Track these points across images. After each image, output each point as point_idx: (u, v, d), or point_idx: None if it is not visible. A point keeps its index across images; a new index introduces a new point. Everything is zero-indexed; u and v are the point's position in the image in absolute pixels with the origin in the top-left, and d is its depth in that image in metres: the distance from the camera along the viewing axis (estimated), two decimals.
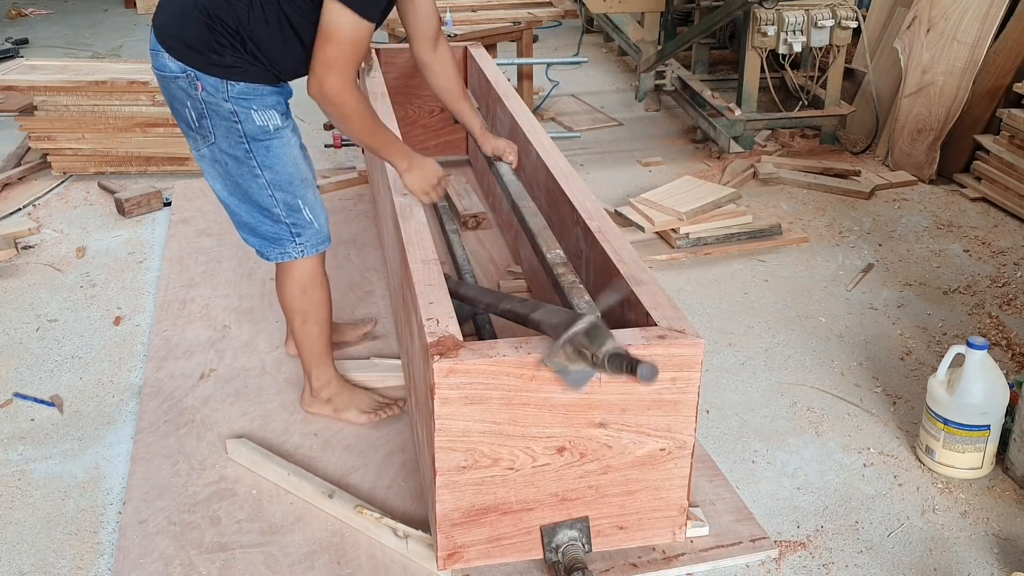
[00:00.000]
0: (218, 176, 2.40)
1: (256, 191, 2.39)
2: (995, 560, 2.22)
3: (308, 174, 2.48)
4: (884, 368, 2.98)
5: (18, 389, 2.90)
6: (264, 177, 2.37)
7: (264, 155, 2.36)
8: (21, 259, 3.73)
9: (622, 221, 3.85)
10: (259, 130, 2.33)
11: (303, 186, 2.44)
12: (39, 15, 8.35)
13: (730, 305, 3.36)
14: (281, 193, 2.40)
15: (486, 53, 4.17)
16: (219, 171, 2.39)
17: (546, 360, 1.90)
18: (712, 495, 2.35)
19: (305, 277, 2.52)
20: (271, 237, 2.46)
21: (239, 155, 2.34)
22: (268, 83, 2.33)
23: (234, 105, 2.29)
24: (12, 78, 4.51)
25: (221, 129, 2.32)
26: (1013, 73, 4.23)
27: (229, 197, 2.43)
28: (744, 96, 4.69)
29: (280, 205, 2.41)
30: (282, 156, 2.38)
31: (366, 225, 3.89)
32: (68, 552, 2.26)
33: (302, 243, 2.47)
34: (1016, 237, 3.87)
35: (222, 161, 2.36)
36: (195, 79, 2.27)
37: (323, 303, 2.57)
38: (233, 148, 2.34)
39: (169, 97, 2.36)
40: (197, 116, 2.32)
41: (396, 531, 2.19)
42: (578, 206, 2.55)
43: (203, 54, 2.26)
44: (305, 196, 2.45)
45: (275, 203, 2.41)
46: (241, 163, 2.35)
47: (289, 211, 2.43)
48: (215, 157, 2.36)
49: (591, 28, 7.03)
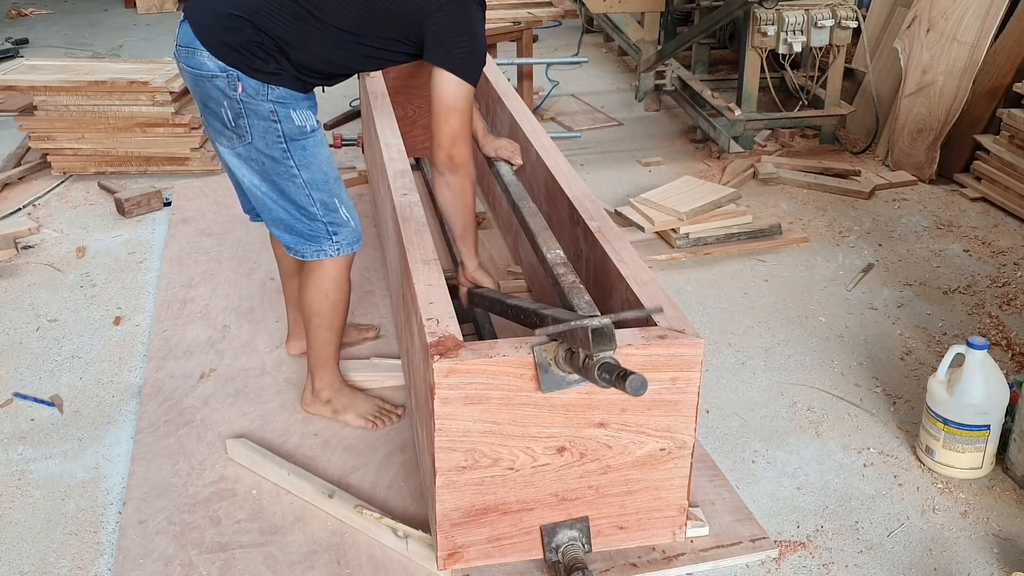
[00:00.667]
0: (258, 175, 2.41)
1: (294, 190, 2.41)
2: (995, 560, 2.22)
3: (337, 173, 2.51)
4: (884, 368, 2.98)
5: (18, 389, 2.90)
6: (301, 177, 2.40)
7: (301, 155, 2.38)
8: (21, 259, 3.73)
9: (622, 221, 3.85)
10: (297, 130, 2.36)
11: (338, 185, 2.48)
12: (39, 15, 8.35)
13: (730, 305, 3.37)
14: (318, 192, 2.43)
15: None
16: (256, 170, 2.40)
17: (535, 347, 1.90)
18: (712, 495, 2.35)
19: (332, 279, 2.53)
20: (307, 235, 2.47)
21: (276, 155, 2.36)
22: (306, 92, 2.40)
23: (274, 106, 2.32)
24: (12, 78, 4.51)
25: (259, 129, 2.33)
26: (1013, 73, 4.23)
27: (266, 194, 2.44)
28: (744, 96, 4.69)
29: (317, 204, 2.43)
30: (318, 156, 2.41)
31: (366, 225, 3.89)
32: (68, 552, 2.27)
33: (338, 241, 2.48)
34: (1016, 237, 3.87)
35: (258, 160, 2.38)
36: (236, 80, 2.27)
37: (342, 310, 2.59)
38: (270, 148, 2.35)
39: (202, 95, 2.34)
40: (234, 116, 2.32)
41: (396, 531, 2.19)
42: (578, 206, 2.56)
43: (247, 57, 2.26)
44: (341, 195, 2.48)
45: (312, 202, 2.43)
46: (278, 163, 2.37)
47: (326, 210, 2.45)
48: (251, 156, 2.37)
49: (591, 28, 7.03)
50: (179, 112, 4.46)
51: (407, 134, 4.15)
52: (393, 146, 2.92)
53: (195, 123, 4.45)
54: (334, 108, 5.44)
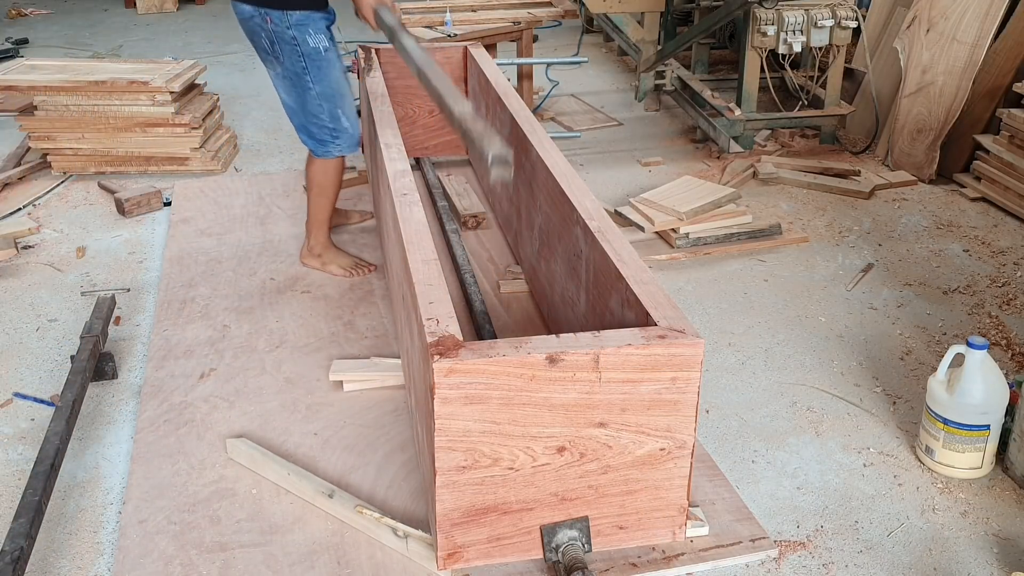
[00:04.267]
0: (289, 90, 3.18)
1: (310, 101, 3.17)
2: (995, 560, 2.22)
3: (347, 90, 3.22)
4: (884, 368, 2.98)
5: (18, 389, 2.90)
6: (315, 89, 3.14)
7: (316, 72, 3.12)
8: (21, 259, 3.73)
9: (622, 221, 3.85)
10: (313, 51, 3.07)
11: (343, 99, 3.21)
12: (39, 15, 8.35)
13: (730, 305, 3.37)
14: (327, 103, 3.17)
15: (486, 53, 4.17)
16: (288, 86, 3.16)
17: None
18: (712, 495, 2.35)
19: (334, 166, 3.33)
20: (319, 138, 3.25)
21: (299, 71, 3.11)
22: (318, 8, 3.05)
23: (294, 31, 3.03)
24: (12, 78, 4.51)
25: (287, 51, 3.07)
26: (1013, 73, 4.23)
27: (294, 105, 3.20)
28: (744, 96, 4.69)
29: (326, 113, 3.19)
30: (329, 74, 3.14)
31: (366, 225, 3.89)
32: (68, 552, 2.27)
33: (339, 144, 3.26)
34: (1016, 237, 3.87)
35: (290, 78, 3.13)
36: (265, 15, 3.03)
37: (336, 184, 3.37)
38: (295, 66, 3.10)
39: (249, 34, 3.12)
40: (270, 44, 3.07)
41: (396, 531, 2.19)
42: (578, 206, 2.55)
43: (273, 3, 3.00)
44: (344, 107, 3.22)
45: (322, 110, 3.18)
46: (300, 78, 3.12)
47: (332, 118, 3.20)
48: (285, 75, 3.14)
49: (591, 28, 7.03)
50: (179, 112, 4.46)
51: (407, 134, 4.16)
52: (393, 146, 2.92)
53: (195, 123, 4.46)
54: None
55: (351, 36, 7.18)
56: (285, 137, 5.07)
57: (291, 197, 4.17)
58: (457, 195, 3.99)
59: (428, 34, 4.94)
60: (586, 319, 2.55)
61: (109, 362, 2.91)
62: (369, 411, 2.71)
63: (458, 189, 4.05)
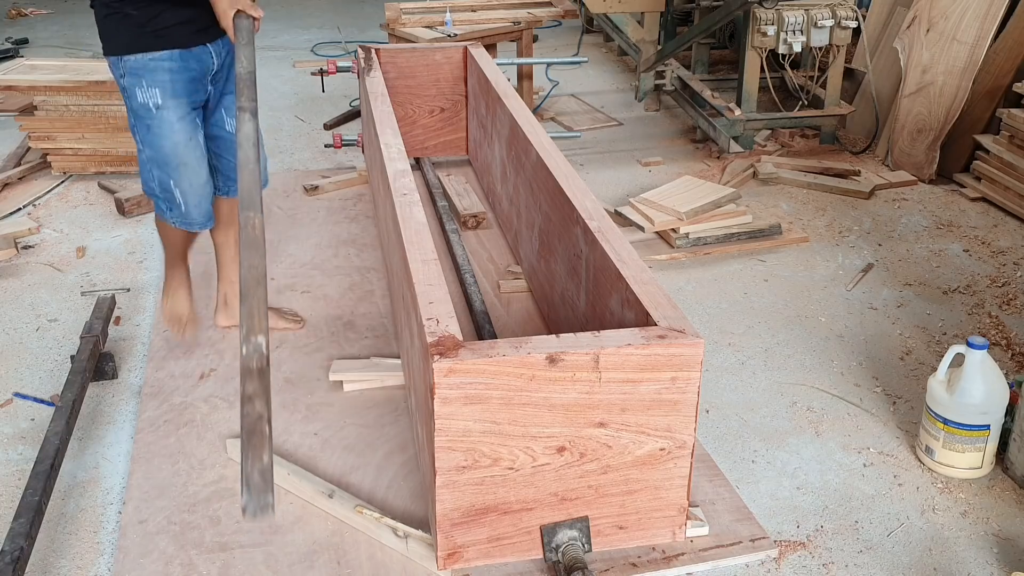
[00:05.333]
0: None
1: (142, 160, 2.69)
2: (995, 560, 2.22)
3: (193, 160, 2.65)
4: (884, 368, 2.98)
5: (18, 389, 2.90)
6: (144, 152, 2.65)
7: (144, 132, 2.60)
8: (21, 259, 3.73)
9: (622, 221, 3.85)
10: (141, 108, 2.56)
11: (179, 171, 2.65)
12: (39, 15, 8.35)
13: (730, 305, 3.37)
14: (157, 171, 2.66)
15: (486, 53, 4.17)
16: None
17: None
18: (712, 495, 2.35)
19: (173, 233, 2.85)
20: (153, 195, 2.74)
21: (130, 126, 2.64)
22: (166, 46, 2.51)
23: (126, 81, 2.55)
24: (12, 78, 4.51)
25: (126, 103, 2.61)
26: (1013, 73, 4.23)
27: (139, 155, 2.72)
28: (744, 96, 4.69)
29: (155, 181, 2.68)
30: (161, 136, 2.59)
31: (366, 225, 3.89)
32: (68, 552, 2.27)
33: (172, 217, 2.76)
34: (1016, 237, 3.87)
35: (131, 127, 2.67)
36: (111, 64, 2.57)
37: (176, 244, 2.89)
38: (129, 119, 2.64)
39: None
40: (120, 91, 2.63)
41: (396, 531, 2.19)
42: (578, 206, 2.55)
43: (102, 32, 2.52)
44: (180, 180, 2.66)
45: (152, 177, 2.68)
46: (133, 133, 2.65)
47: (162, 188, 2.69)
48: None
49: (591, 28, 7.03)
50: None
51: (407, 134, 4.16)
52: (393, 146, 2.92)
53: None
54: (334, 108, 5.45)
55: (351, 36, 7.19)
56: (285, 137, 5.08)
57: (291, 197, 4.17)
58: (457, 195, 3.99)
59: (428, 34, 4.94)
60: (586, 319, 2.55)
61: (109, 362, 2.91)
62: (369, 411, 2.71)
63: (458, 189, 4.05)
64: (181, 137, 2.60)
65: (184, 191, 2.68)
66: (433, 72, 4.20)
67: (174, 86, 2.56)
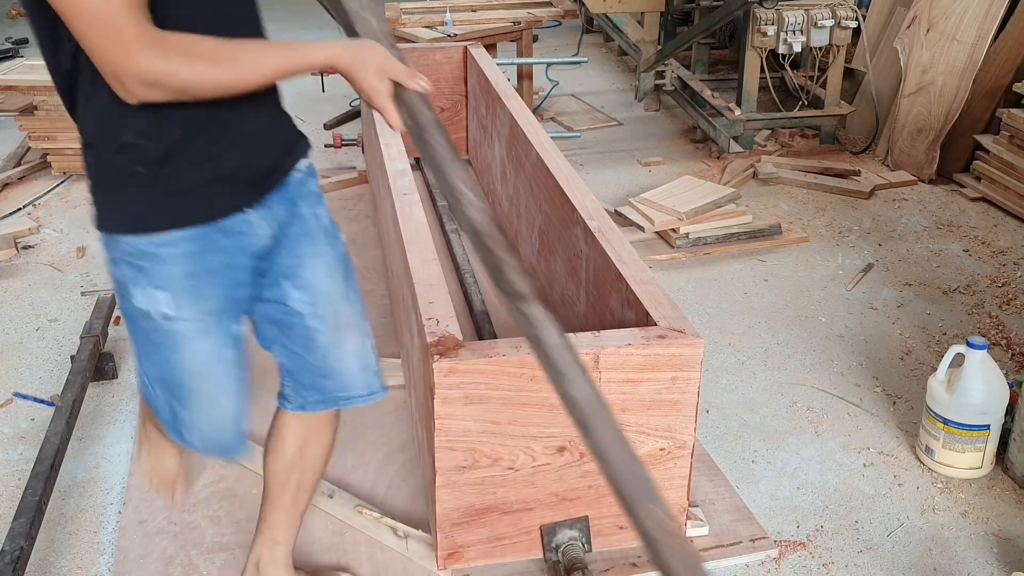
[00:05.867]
0: None
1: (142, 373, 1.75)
2: (995, 560, 2.22)
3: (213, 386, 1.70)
4: (884, 368, 2.98)
5: (18, 389, 2.90)
6: (143, 366, 1.71)
7: (144, 344, 1.67)
8: (21, 259, 3.73)
9: (622, 221, 3.85)
10: (139, 313, 1.61)
11: (192, 400, 1.70)
12: None
13: (730, 305, 3.37)
14: (162, 390, 1.71)
15: (486, 53, 4.16)
16: None
17: None
18: (712, 495, 2.35)
19: None
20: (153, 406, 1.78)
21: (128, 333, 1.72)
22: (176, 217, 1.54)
23: (118, 273, 1.59)
24: (12, 78, 4.51)
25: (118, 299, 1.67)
26: (1013, 73, 4.23)
27: None
28: (744, 96, 4.69)
29: (161, 400, 1.73)
30: (168, 355, 1.65)
31: (366, 225, 3.89)
32: (68, 552, 2.27)
33: (188, 442, 1.77)
34: (1016, 237, 3.87)
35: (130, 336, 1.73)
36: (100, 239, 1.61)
37: None
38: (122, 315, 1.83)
39: None
40: None
41: (396, 531, 2.19)
42: (578, 206, 2.55)
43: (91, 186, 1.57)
44: (193, 410, 1.71)
45: (155, 395, 1.73)
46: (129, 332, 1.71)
47: (170, 412, 1.74)
48: None
49: (591, 28, 7.03)
50: None
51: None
52: (393, 146, 2.93)
53: None
54: (334, 108, 5.44)
55: None
56: None
57: None
58: None
59: (428, 34, 4.94)
60: (586, 319, 2.55)
61: (109, 362, 2.91)
62: (369, 411, 2.70)
63: None
64: (200, 359, 1.66)
65: (200, 427, 1.74)
66: (433, 72, 4.20)
67: (193, 284, 1.59)
